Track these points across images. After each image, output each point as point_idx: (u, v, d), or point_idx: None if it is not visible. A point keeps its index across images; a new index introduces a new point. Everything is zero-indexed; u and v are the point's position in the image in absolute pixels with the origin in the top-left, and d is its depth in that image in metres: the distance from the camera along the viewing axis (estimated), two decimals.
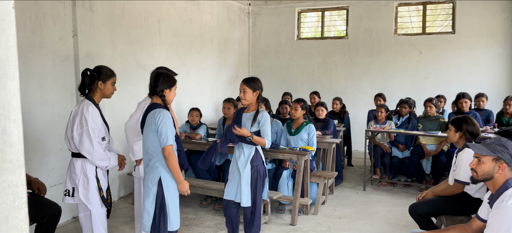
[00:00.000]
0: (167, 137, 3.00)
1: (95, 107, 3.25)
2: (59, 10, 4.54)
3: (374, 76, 8.66)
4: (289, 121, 5.34)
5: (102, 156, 3.27)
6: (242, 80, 3.76)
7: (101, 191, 3.36)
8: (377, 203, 5.53)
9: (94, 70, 3.29)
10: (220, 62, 8.12)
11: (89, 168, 3.29)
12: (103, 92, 3.31)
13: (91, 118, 3.16)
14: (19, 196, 1.05)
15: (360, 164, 7.41)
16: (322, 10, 9.05)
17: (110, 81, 3.32)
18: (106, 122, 3.38)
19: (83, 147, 3.17)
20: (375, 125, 6.40)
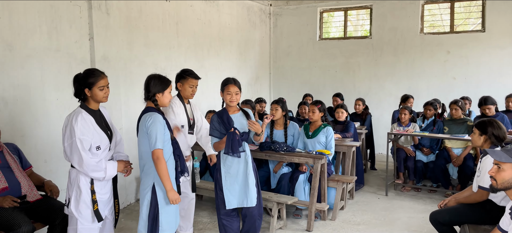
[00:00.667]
0: (156, 141, 2.96)
1: (88, 115, 3.02)
2: (75, 14, 4.58)
3: (399, 76, 8.38)
4: (307, 123, 5.20)
5: (94, 168, 3.00)
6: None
7: (95, 205, 3.08)
8: (399, 209, 5.31)
9: (77, 78, 3.07)
10: (240, 63, 8.05)
11: (82, 180, 3.05)
12: (93, 98, 3.06)
13: (79, 128, 2.92)
14: None
15: (383, 168, 7.17)
16: (345, 9, 8.84)
17: (96, 86, 3.03)
18: (109, 128, 3.18)
19: (73, 159, 2.98)
20: (398, 127, 6.17)
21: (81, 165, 2.96)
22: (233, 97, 3.56)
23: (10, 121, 3.95)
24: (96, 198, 3.07)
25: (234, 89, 3.56)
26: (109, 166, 3.08)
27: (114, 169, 3.15)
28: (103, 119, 3.18)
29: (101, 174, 3.04)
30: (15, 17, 3.96)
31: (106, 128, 3.15)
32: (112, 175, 3.13)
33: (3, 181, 3.43)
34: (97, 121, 3.07)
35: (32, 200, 3.55)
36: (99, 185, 3.11)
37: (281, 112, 4.96)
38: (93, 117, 3.04)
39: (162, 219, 3.06)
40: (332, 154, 4.97)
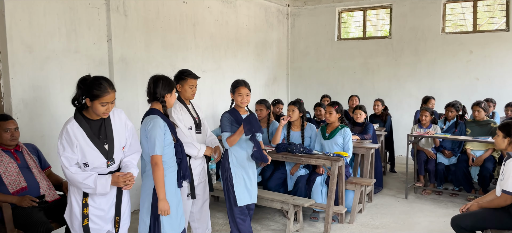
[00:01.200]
0: (154, 146, 2.94)
1: (79, 127, 2.75)
2: (93, 16, 4.63)
3: (420, 77, 8.20)
4: (324, 125, 5.13)
5: (81, 185, 2.75)
6: None
7: (86, 219, 2.83)
8: (420, 213, 5.18)
9: (86, 83, 2.76)
10: (257, 64, 8.02)
11: (74, 191, 2.85)
12: (92, 110, 2.79)
13: (62, 144, 2.73)
14: None
15: (403, 170, 7.02)
16: (364, 9, 8.71)
17: (98, 100, 2.73)
18: (107, 138, 2.84)
19: (64, 172, 2.77)
20: (419, 129, 6.03)
21: (68, 179, 2.76)
22: (244, 99, 3.67)
23: (30, 122, 4.01)
24: (87, 212, 2.82)
25: (245, 91, 3.67)
26: (98, 183, 2.74)
27: (106, 186, 2.78)
28: (105, 130, 2.84)
29: (89, 191, 2.77)
30: (35, 19, 4.03)
31: (103, 142, 2.81)
32: (102, 192, 2.78)
33: (22, 181, 3.49)
34: (91, 134, 2.76)
35: (50, 200, 3.60)
36: (95, 199, 2.84)
37: (298, 114, 4.91)
38: (86, 129, 2.75)
39: (164, 222, 3.05)
40: (350, 156, 4.89)
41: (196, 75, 3.76)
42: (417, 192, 5.99)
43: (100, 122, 2.82)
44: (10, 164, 3.49)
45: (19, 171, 3.51)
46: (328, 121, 4.96)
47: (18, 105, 3.92)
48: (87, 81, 2.74)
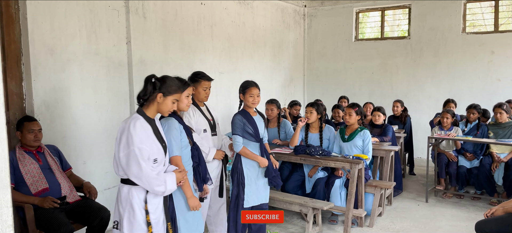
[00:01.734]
0: (171, 149, 2.91)
1: (146, 123, 2.68)
2: (113, 18, 4.67)
3: (440, 78, 8.06)
4: (343, 127, 5.07)
5: (155, 180, 2.64)
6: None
7: (150, 227, 2.69)
8: (441, 216, 5.08)
9: (159, 79, 2.76)
10: (273, 65, 7.99)
11: (136, 197, 2.68)
12: (160, 107, 2.76)
13: (137, 135, 2.59)
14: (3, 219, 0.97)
15: (423, 173, 6.90)
16: (382, 9, 8.60)
17: (171, 97, 2.75)
18: (163, 139, 2.83)
19: (130, 171, 2.60)
20: (440, 131, 5.92)
21: (141, 177, 2.58)
22: (255, 99, 3.68)
23: (51, 123, 4.05)
24: (150, 220, 2.70)
25: (256, 92, 3.68)
26: (168, 179, 2.69)
27: (174, 183, 2.74)
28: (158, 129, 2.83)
29: (162, 188, 2.65)
30: (57, 22, 4.07)
31: (161, 140, 2.80)
32: (172, 189, 2.74)
33: (44, 182, 3.53)
34: (154, 131, 2.73)
35: (71, 201, 3.63)
36: (153, 205, 2.72)
37: (316, 115, 4.86)
38: (151, 126, 2.71)
39: (181, 225, 3.03)
40: (370, 158, 4.82)
41: (210, 77, 3.75)
42: (437, 195, 5.88)
43: (154, 122, 2.78)
44: (32, 165, 3.54)
45: (41, 172, 3.55)
46: (348, 123, 4.89)
47: (40, 107, 3.96)
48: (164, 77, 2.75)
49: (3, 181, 0.96)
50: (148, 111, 2.73)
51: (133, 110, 4.93)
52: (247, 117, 3.69)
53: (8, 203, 0.97)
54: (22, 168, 3.47)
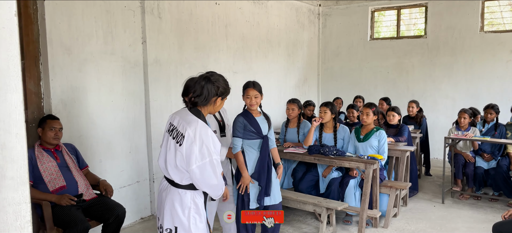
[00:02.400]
0: None
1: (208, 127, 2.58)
2: (129, 19, 4.72)
3: (457, 78, 7.93)
4: (358, 126, 5.03)
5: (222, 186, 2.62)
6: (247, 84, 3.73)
7: (210, 229, 2.74)
8: (457, 218, 5.01)
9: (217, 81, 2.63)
10: (288, 65, 7.98)
11: (200, 201, 2.62)
12: (214, 108, 2.69)
13: (212, 145, 2.48)
14: (22, 215, 1.00)
15: (439, 174, 6.81)
16: (398, 8, 8.51)
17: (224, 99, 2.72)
18: None
19: (205, 182, 2.51)
20: (457, 131, 5.83)
21: (215, 186, 2.54)
22: (252, 101, 3.62)
23: (68, 122, 4.12)
24: (208, 222, 2.72)
25: (253, 93, 3.61)
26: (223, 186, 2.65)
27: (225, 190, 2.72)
28: None
29: (221, 192, 2.63)
30: (74, 22, 4.14)
31: None
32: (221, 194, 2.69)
33: (61, 179, 3.59)
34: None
35: (88, 198, 3.69)
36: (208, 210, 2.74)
37: (330, 115, 4.83)
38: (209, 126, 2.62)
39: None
40: (385, 159, 4.77)
41: None
42: (454, 196, 5.79)
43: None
44: (50, 163, 3.61)
45: (58, 170, 3.62)
46: (365, 123, 4.85)
47: (58, 106, 4.03)
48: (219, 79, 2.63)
49: (22, 178, 0.99)
50: (204, 111, 2.62)
51: (148, 110, 4.97)
52: (248, 117, 3.65)
53: (27, 199, 0.99)
54: (40, 166, 3.55)
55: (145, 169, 5.04)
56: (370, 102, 5.04)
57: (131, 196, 4.85)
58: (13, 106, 1.03)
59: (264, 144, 3.69)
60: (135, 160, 4.89)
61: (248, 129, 3.63)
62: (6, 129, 1.01)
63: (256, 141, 3.69)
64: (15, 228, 1.02)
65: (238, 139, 3.64)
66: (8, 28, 0.99)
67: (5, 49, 1.00)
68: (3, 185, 1.00)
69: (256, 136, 3.67)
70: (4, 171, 1.02)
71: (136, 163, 4.90)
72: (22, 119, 1.04)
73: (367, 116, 4.80)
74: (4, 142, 1.01)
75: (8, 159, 1.02)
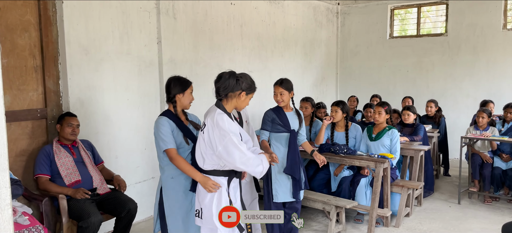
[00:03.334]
0: (163, 142, 3.03)
1: (226, 115, 2.78)
2: (144, 19, 4.87)
3: (479, 76, 7.76)
4: (370, 125, 5.02)
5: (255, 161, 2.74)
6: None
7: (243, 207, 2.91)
8: (473, 219, 4.93)
9: (240, 76, 2.83)
10: (305, 64, 7.99)
11: (223, 187, 2.85)
12: (239, 103, 2.86)
13: (226, 125, 2.70)
14: (1, 198, 1.10)
15: (457, 174, 6.67)
16: (418, 6, 8.39)
17: (250, 95, 2.91)
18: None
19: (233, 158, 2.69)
20: (475, 131, 5.72)
21: (245, 161, 2.69)
22: (278, 97, 3.84)
23: (86, 119, 4.30)
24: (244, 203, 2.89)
25: (278, 90, 3.83)
26: (263, 159, 2.77)
27: (267, 162, 2.80)
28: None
29: (260, 168, 2.74)
30: (91, 24, 4.31)
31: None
32: (267, 167, 2.79)
33: (77, 174, 3.76)
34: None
35: (101, 192, 3.84)
36: (232, 191, 2.87)
37: (342, 114, 4.84)
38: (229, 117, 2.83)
39: (169, 223, 3.11)
40: (397, 158, 4.75)
41: None
42: (471, 197, 5.68)
43: (230, 116, 2.87)
44: (67, 158, 3.78)
45: (74, 165, 3.79)
46: (377, 122, 4.84)
47: (75, 104, 4.21)
48: (245, 76, 2.86)
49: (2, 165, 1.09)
50: (227, 106, 2.83)
51: (163, 108, 5.11)
52: (278, 112, 3.88)
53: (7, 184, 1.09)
54: (57, 161, 3.72)
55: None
56: (383, 101, 5.02)
57: (146, 192, 4.99)
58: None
59: (291, 138, 3.83)
60: (150, 156, 5.03)
61: (276, 123, 3.83)
62: None
63: (283, 136, 3.85)
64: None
65: (265, 132, 3.89)
66: None
67: None
68: None
69: (284, 130, 3.83)
70: None
71: (151, 159, 5.04)
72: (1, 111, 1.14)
73: (379, 114, 4.79)
74: None
75: None
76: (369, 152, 4.79)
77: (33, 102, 3.95)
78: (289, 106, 3.92)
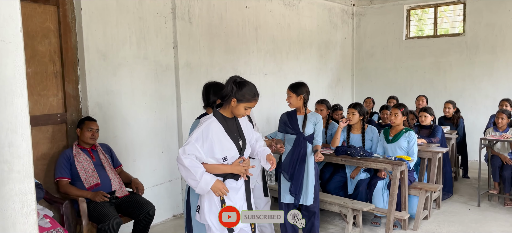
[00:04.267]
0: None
1: (217, 123, 2.81)
2: (161, 24, 4.93)
3: (498, 77, 7.62)
4: (387, 127, 4.99)
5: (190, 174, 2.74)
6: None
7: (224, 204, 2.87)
8: (493, 222, 4.84)
9: (238, 84, 2.80)
10: (320, 66, 7.97)
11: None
12: (233, 110, 2.84)
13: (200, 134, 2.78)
14: (27, 204, 1.15)
15: (476, 176, 6.56)
16: (435, 6, 8.28)
17: (244, 104, 2.80)
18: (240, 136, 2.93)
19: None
20: (494, 132, 5.62)
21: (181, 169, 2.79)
22: (288, 100, 3.98)
23: (104, 124, 4.37)
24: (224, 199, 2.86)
25: (287, 92, 3.98)
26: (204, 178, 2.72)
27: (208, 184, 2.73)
28: (237, 128, 2.92)
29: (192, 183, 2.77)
30: (109, 29, 4.39)
31: (237, 138, 2.89)
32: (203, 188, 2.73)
33: (96, 177, 3.83)
34: (228, 130, 2.84)
35: (120, 195, 3.90)
36: (231, 196, 2.86)
37: (358, 117, 4.82)
38: (224, 126, 2.82)
39: (194, 221, 3.14)
40: (414, 160, 4.70)
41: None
42: (491, 199, 5.58)
43: (233, 121, 2.90)
44: (87, 162, 3.86)
45: (94, 168, 3.86)
46: (393, 124, 4.80)
47: (94, 109, 4.29)
48: (242, 84, 2.80)
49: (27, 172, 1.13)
50: (225, 111, 2.85)
51: (179, 112, 5.17)
52: (289, 114, 4.07)
53: (32, 190, 1.13)
54: (77, 165, 3.80)
55: (177, 168, 5.21)
56: (400, 103, 4.97)
57: (164, 194, 5.05)
58: (19, 109, 1.20)
59: (296, 140, 3.95)
60: (167, 159, 5.09)
61: (287, 125, 4.01)
62: (13, 129, 1.18)
63: (293, 138, 3.99)
64: (22, 215, 1.19)
65: (278, 134, 4.16)
66: (14, 42, 1.16)
67: (12, 60, 1.17)
68: (11, 177, 1.17)
69: (292, 132, 3.98)
70: (12, 166, 1.18)
71: (168, 162, 5.10)
72: (27, 120, 1.20)
73: (396, 116, 4.75)
74: (11, 140, 1.18)
75: (15, 156, 1.19)
76: (386, 154, 4.75)
77: (53, 107, 4.04)
78: (302, 110, 3.97)
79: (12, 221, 1.16)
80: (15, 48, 1.19)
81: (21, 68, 1.23)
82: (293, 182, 3.94)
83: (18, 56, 1.21)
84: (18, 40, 1.20)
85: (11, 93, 1.19)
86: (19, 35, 1.21)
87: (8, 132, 1.18)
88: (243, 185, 2.96)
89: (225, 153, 2.81)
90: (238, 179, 2.90)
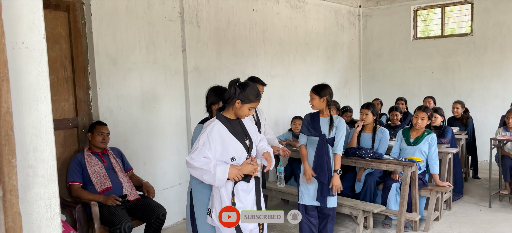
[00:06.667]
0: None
1: (221, 125, 2.84)
2: (169, 29, 4.96)
3: (507, 76, 7.57)
4: (407, 128, 4.96)
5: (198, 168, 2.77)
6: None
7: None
8: (504, 222, 4.81)
9: (240, 85, 2.83)
10: (327, 67, 7.97)
11: (223, 189, 2.88)
12: (237, 111, 2.87)
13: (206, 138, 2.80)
14: (51, 208, 1.17)
15: (487, 176, 6.52)
16: (442, 6, 8.25)
17: (248, 105, 2.84)
18: (246, 136, 2.95)
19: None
20: (505, 132, 5.59)
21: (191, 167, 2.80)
22: (311, 101, 3.97)
23: (115, 128, 4.41)
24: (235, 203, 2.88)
25: (311, 94, 3.96)
26: (219, 168, 2.74)
27: (225, 173, 2.75)
28: (242, 128, 2.95)
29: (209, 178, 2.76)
30: (118, 35, 4.43)
31: (243, 138, 2.92)
32: (221, 178, 2.74)
33: (107, 181, 3.86)
34: (233, 131, 2.87)
35: (131, 199, 3.93)
36: (241, 197, 2.89)
37: (372, 117, 4.82)
38: (228, 127, 2.85)
39: (199, 225, 3.13)
40: (437, 164, 4.71)
41: (264, 82, 4.10)
42: (502, 200, 5.54)
43: (237, 122, 2.93)
44: (98, 165, 3.89)
45: (105, 172, 3.90)
46: (419, 127, 4.77)
47: (105, 113, 4.33)
48: (245, 85, 2.84)
49: (51, 176, 1.15)
50: (228, 113, 2.89)
51: (188, 115, 5.20)
52: (313, 117, 4.02)
53: (56, 194, 1.15)
54: (89, 169, 3.84)
55: (187, 171, 5.17)
56: (425, 106, 4.95)
57: (174, 197, 5.07)
58: (43, 115, 1.22)
59: (319, 142, 3.91)
60: (177, 163, 5.11)
61: (310, 127, 3.96)
62: (38, 134, 1.20)
63: (315, 140, 3.95)
64: (46, 219, 1.20)
65: (302, 135, 4.06)
66: (38, 49, 1.18)
67: (36, 67, 1.19)
68: (35, 182, 1.19)
69: (315, 134, 3.94)
70: (36, 170, 1.20)
71: (178, 165, 5.12)
72: (51, 125, 1.21)
73: (422, 120, 4.73)
74: (36, 145, 1.20)
75: (40, 160, 1.21)
76: (403, 156, 4.70)
77: (64, 112, 4.08)
78: (326, 112, 3.95)
79: (37, 224, 1.18)
80: (39, 55, 1.21)
81: (45, 74, 1.25)
82: (319, 186, 3.90)
83: (41, 62, 1.23)
84: (41, 46, 1.22)
85: (36, 99, 1.22)
86: (43, 42, 1.23)
87: (33, 137, 1.20)
88: (253, 187, 2.99)
89: (233, 153, 2.84)
90: (249, 181, 2.92)
